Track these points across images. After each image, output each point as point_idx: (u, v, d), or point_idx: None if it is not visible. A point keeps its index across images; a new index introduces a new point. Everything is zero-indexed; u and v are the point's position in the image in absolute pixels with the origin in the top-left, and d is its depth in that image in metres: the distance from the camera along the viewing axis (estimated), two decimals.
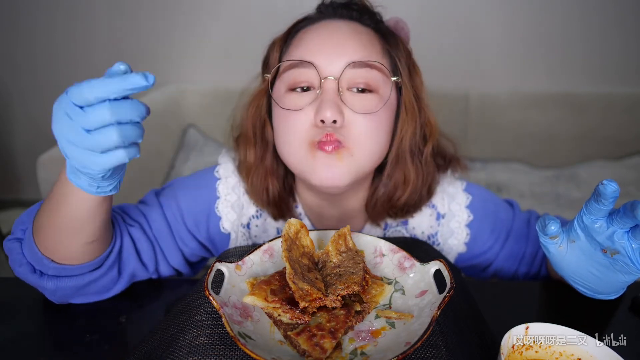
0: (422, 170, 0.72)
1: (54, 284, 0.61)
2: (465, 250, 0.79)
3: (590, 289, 0.53)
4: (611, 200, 0.44)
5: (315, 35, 0.67)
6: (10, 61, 2.36)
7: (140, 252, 0.70)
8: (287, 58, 0.67)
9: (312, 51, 0.65)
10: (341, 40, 0.65)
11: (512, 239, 0.80)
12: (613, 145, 2.18)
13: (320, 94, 0.63)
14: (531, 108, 2.17)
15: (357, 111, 0.63)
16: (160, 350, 0.49)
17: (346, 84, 0.64)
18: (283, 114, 0.65)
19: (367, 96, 0.65)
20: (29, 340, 0.60)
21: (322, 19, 0.70)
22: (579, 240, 0.49)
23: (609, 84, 2.20)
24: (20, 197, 2.61)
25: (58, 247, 0.60)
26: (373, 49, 0.66)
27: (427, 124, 0.72)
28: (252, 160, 0.73)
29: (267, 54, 0.73)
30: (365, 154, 0.65)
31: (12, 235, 0.64)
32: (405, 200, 0.72)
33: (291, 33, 0.71)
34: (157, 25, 2.26)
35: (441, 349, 0.46)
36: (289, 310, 0.46)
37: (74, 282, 0.62)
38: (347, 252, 0.54)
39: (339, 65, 0.63)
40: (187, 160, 2.09)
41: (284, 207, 0.76)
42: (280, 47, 0.70)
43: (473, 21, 2.16)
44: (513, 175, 2.13)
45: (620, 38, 2.13)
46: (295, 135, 0.64)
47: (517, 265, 0.81)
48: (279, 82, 0.68)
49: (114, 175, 0.51)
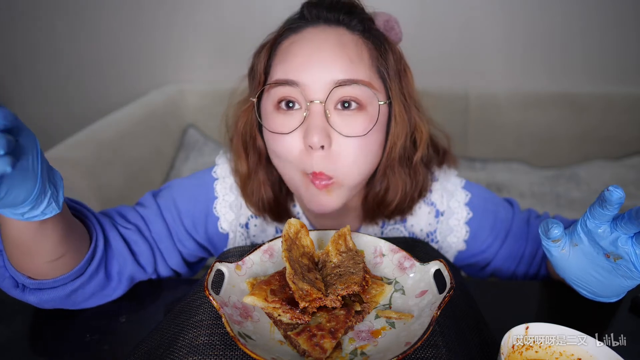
0: (412, 176, 0.73)
1: (36, 297, 0.59)
2: (464, 248, 0.79)
3: (592, 292, 0.52)
4: (616, 207, 0.44)
5: (299, 50, 0.63)
6: (10, 61, 2.36)
7: (138, 254, 0.70)
8: (272, 72, 0.65)
9: (298, 70, 0.62)
10: (327, 58, 0.62)
11: (511, 238, 0.79)
12: (613, 145, 2.18)
13: (307, 117, 0.62)
14: (531, 108, 2.17)
15: (345, 134, 0.62)
16: (160, 350, 0.49)
17: (333, 103, 0.62)
18: (272, 135, 0.65)
19: (356, 117, 0.63)
20: (29, 341, 0.60)
21: (307, 25, 0.66)
22: (582, 244, 0.49)
23: (609, 84, 2.20)
24: None
25: (24, 265, 0.57)
26: (361, 63, 0.63)
27: (417, 130, 0.71)
28: (245, 171, 0.73)
29: (252, 62, 0.70)
30: (355, 179, 0.66)
31: None
32: (396, 205, 0.73)
33: (277, 41, 0.68)
34: (157, 25, 2.26)
35: (441, 349, 0.46)
36: (289, 310, 0.46)
37: (56, 293, 0.60)
38: (347, 252, 0.54)
39: (325, 85, 0.61)
40: (187, 160, 2.09)
41: (282, 210, 0.76)
42: (266, 56, 0.68)
43: (473, 21, 2.16)
44: (513, 175, 2.13)
45: (620, 38, 2.13)
46: (287, 159, 0.65)
47: (515, 265, 0.81)
48: (265, 97, 0.67)
49: (39, 198, 0.45)
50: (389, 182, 0.71)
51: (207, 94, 2.26)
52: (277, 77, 0.64)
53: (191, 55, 2.32)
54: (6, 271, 0.59)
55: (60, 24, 2.27)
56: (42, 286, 0.59)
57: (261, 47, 0.69)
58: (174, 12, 2.24)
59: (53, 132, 2.33)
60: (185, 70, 2.35)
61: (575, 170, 2.14)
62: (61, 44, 2.31)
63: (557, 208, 1.87)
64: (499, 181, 2.05)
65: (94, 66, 2.36)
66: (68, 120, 2.39)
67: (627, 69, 2.19)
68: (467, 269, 0.86)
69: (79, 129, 1.66)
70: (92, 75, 2.38)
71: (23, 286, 0.60)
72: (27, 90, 2.41)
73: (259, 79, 0.68)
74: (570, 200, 1.93)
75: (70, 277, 0.60)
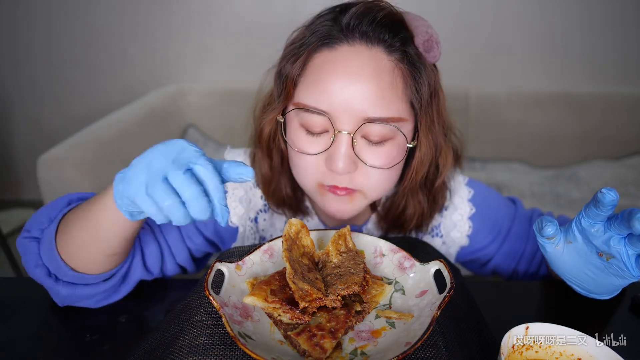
0: (431, 199, 0.74)
1: (68, 290, 0.61)
2: (467, 244, 0.80)
3: (585, 288, 0.53)
4: (609, 208, 0.44)
5: (331, 77, 0.60)
6: (11, 61, 2.36)
7: (146, 256, 0.71)
8: (301, 87, 0.63)
9: (329, 99, 0.60)
10: (360, 92, 0.59)
11: (513, 235, 0.80)
12: (613, 145, 2.18)
13: (333, 143, 0.61)
14: (531, 108, 2.17)
15: (370, 165, 0.63)
16: (160, 350, 0.49)
17: (360, 134, 0.62)
18: (296, 152, 0.65)
19: (382, 148, 0.63)
20: (29, 340, 0.60)
21: (342, 42, 0.61)
22: (576, 242, 0.50)
23: (609, 84, 2.20)
24: (20, 197, 2.61)
25: (80, 254, 0.60)
26: (393, 96, 0.61)
27: (442, 155, 0.71)
28: (268, 172, 0.74)
29: (282, 66, 0.66)
30: (378, 194, 0.68)
31: (28, 233, 0.63)
32: (414, 224, 0.75)
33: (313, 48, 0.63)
34: (158, 26, 2.26)
35: (441, 349, 0.46)
36: (289, 310, 0.46)
37: (87, 290, 0.62)
38: (348, 252, 0.54)
39: (355, 118, 0.60)
40: None
41: (300, 206, 0.78)
42: (300, 68, 0.63)
43: (473, 21, 2.16)
44: (513, 175, 2.13)
45: (620, 38, 2.13)
46: (306, 173, 0.66)
47: (516, 263, 0.81)
48: (292, 113, 0.65)
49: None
50: (407, 202, 0.73)
51: (207, 94, 2.26)
52: (307, 100, 0.62)
53: (191, 55, 2.32)
54: (39, 259, 0.61)
55: (59, 24, 2.27)
56: (79, 280, 0.61)
57: (294, 54, 0.64)
58: (175, 14, 2.24)
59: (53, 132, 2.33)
60: (185, 70, 2.35)
61: (575, 170, 2.14)
62: (61, 44, 2.31)
63: (557, 208, 1.87)
64: (499, 181, 2.06)
65: (94, 66, 2.36)
66: (68, 120, 2.39)
67: (627, 69, 2.19)
68: (469, 265, 0.87)
69: (79, 129, 1.66)
70: (92, 75, 2.38)
71: (55, 277, 0.61)
72: (27, 90, 2.41)
73: (287, 90, 0.64)
74: (570, 200, 1.93)
75: (104, 277, 0.63)
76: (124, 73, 2.36)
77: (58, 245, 0.60)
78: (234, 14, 2.20)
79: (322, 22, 0.64)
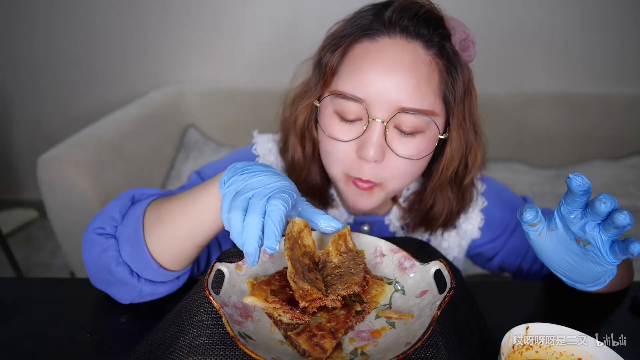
0: (460, 197, 0.75)
1: (151, 288, 0.62)
2: (479, 236, 0.81)
3: (569, 277, 0.55)
4: (580, 194, 0.45)
5: (371, 65, 0.62)
6: (11, 61, 2.36)
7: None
8: (340, 75, 0.65)
9: (366, 87, 0.62)
10: (397, 81, 0.61)
11: (519, 231, 0.82)
12: (613, 145, 2.18)
13: (366, 130, 0.63)
14: (531, 108, 2.17)
15: (400, 155, 0.64)
16: (160, 350, 0.49)
17: (393, 123, 0.63)
18: (327, 137, 0.67)
19: (413, 139, 0.64)
20: (29, 340, 0.60)
21: (383, 34, 0.64)
22: (557, 229, 0.51)
23: (609, 84, 2.20)
24: (20, 197, 2.61)
25: (172, 247, 0.61)
26: (429, 89, 0.62)
27: (472, 153, 0.72)
28: (301, 159, 0.75)
29: (321, 55, 0.68)
30: (397, 187, 0.69)
31: (102, 230, 0.62)
32: (441, 222, 0.76)
33: (354, 39, 0.65)
34: (157, 25, 2.26)
35: (441, 349, 0.46)
36: (289, 310, 0.46)
37: (166, 288, 0.63)
38: (348, 252, 0.54)
39: (390, 107, 0.62)
40: (187, 160, 2.09)
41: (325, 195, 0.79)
42: (339, 57, 0.65)
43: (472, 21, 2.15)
44: (513, 175, 2.13)
45: (620, 38, 2.13)
46: (336, 159, 0.67)
47: (521, 259, 0.83)
48: (328, 98, 0.66)
49: None
50: (436, 199, 0.74)
51: (207, 94, 2.26)
52: (345, 88, 0.63)
53: (191, 55, 2.32)
54: (120, 257, 0.61)
55: (59, 24, 2.27)
56: (161, 278, 0.62)
57: (334, 44, 0.67)
58: (174, 13, 2.24)
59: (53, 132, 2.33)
60: (185, 70, 2.35)
61: (575, 170, 2.14)
62: (61, 44, 2.31)
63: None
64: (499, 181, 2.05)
65: (94, 66, 2.36)
66: (68, 120, 2.39)
67: (627, 69, 2.19)
68: (476, 259, 0.88)
69: (79, 129, 1.66)
70: (92, 75, 2.38)
71: (137, 275, 0.62)
72: (27, 90, 2.41)
73: (325, 78, 0.66)
74: None
75: (179, 274, 0.64)
76: (124, 73, 2.36)
77: (148, 241, 0.60)
78: (234, 14, 2.20)
79: (363, 16, 0.67)
